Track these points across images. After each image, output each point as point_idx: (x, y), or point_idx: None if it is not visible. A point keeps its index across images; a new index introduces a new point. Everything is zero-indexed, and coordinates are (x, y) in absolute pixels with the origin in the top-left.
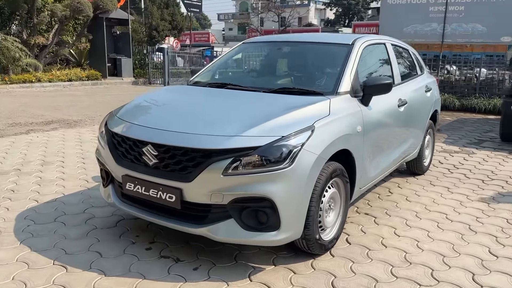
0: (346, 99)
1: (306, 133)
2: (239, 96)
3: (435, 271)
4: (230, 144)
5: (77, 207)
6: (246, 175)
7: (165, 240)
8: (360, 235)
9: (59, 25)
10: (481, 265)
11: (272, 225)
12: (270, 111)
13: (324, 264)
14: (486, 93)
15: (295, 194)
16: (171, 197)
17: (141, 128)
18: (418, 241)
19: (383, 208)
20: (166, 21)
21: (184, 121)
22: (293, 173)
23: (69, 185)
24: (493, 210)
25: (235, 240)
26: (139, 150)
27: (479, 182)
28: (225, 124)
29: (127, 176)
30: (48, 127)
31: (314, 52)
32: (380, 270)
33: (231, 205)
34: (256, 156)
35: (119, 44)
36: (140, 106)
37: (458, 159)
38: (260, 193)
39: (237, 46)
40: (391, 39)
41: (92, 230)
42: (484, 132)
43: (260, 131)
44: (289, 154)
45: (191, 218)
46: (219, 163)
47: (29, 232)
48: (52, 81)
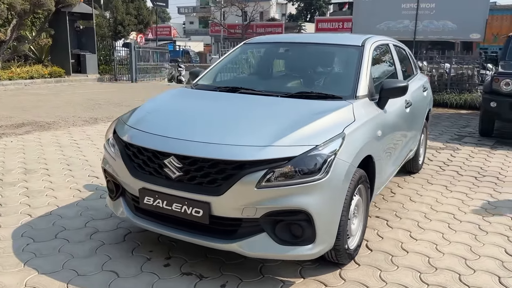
0: (366, 103)
1: (338, 141)
2: (258, 101)
3: (462, 276)
4: (264, 155)
5: (76, 221)
6: (281, 187)
7: (181, 254)
8: (378, 240)
9: (18, 19)
10: (503, 267)
11: (308, 238)
12: (297, 119)
13: (352, 274)
14: (456, 89)
15: (330, 205)
16: (198, 211)
17: (162, 138)
18: (436, 244)
19: (391, 210)
20: (131, 16)
21: (208, 130)
22: (328, 184)
23: (61, 195)
24: (495, 209)
25: (268, 255)
26: (159, 162)
27: (473, 179)
28: (255, 134)
29: (145, 189)
30: (20, 131)
31: (324, 54)
32: (409, 277)
33: (264, 218)
34: (290, 167)
35: (83, 40)
36: (153, 113)
37: (445, 155)
38: (296, 205)
39: (238, 47)
40: (392, 40)
41: (100, 246)
42: (461, 127)
43: (293, 141)
44: (324, 164)
45: (219, 233)
46: (252, 175)
47: (31, 252)
48: (12, 78)
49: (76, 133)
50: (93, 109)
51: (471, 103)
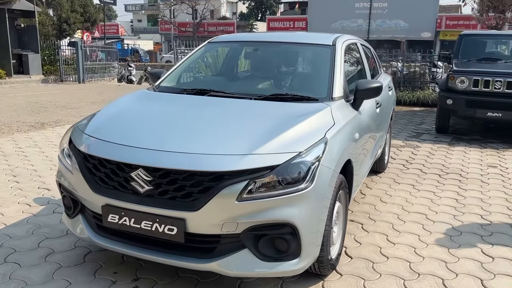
0: (342, 105)
1: (321, 147)
2: (231, 105)
3: (446, 280)
4: (245, 164)
5: (28, 241)
6: (263, 199)
7: (150, 274)
8: (356, 246)
9: None
10: (483, 268)
11: (293, 252)
12: (276, 123)
13: (336, 285)
14: (409, 86)
15: (315, 216)
16: (172, 229)
17: (127, 148)
18: (414, 248)
19: (364, 212)
20: (77, 13)
21: (180, 138)
22: (313, 193)
23: (9, 211)
24: (464, 207)
25: (251, 273)
26: (125, 175)
27: (437, 177)
28: (233, 141)
29: (109, 206)
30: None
31: (294, 53)
32: (393, 285)
33: (246, 233)
34: (273, 177)
35: (25, 39)
36: (115, 119)
37: (407, 153)
38: (280, 218)
39: (202, 46)
40: (359, 39)
41: (58, 269)
42: (417, 124)
43: (274, 148)
44: (308, 172)
45: (195, 252)
46: (233, 187)
47: None
48: None
49: (21, 140)
50: (39, 113)
51: (424, 100)
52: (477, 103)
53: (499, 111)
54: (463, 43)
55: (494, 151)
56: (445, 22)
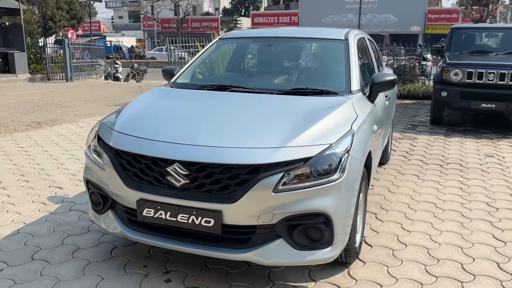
0: (361, 98)
1: (349, 138)
2: (256, 100)
3: (464, 265)
4: (280, 157)
5: (51, 238)
6: (298, 190)
7: (180, 267)
8: (374, 235)
9: None
10: (497, 252)
11: (326, 241)
12: (303, 117)
13: (361, 272)
14: (400, 80)
15: (346, 205)
16: (209, 221)
17: (162, 143)
18: (429, 235)
19: (375, 202)
20: (63, 10)
21: (214, 133)
22: (345, 183)
23: (25, 210)
24: (469, 195)
25: (286, 262)
26: (161, 170)
27: (439, 168)
28: (266, 134)
29: (144, 200)
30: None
31: (309, 48)
32: (416, 271)
33: (281, 224)
34: (306, 168)
35: (10, 37)
36: (142, 116)
37: (406, 145)
38: (315, 208)
39: (213, 43)
40: (365, 33)
41: (87, 265)
42: (411, 117)
43: (307, 140)
44: (340, 163)
45: (231, 243)
46: (269, 179)
47: (9, 278)
48: None
49: (21, 140)
50: (33, 112)
51: (414, 93)
52: (471, 95)
53: (492, 102)
54: (455, 36)
55: (489, 141)
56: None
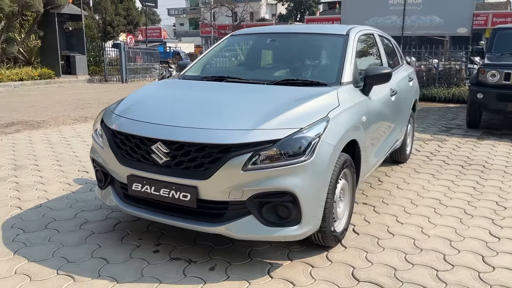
0: (350, 90)
1: (322, 124)
2: (244, 89)
3: (447, 256)
4: (249, 138)
5: (66, 212)
6: (266, 169)
7: (171, 241)
8: (364, 224)
9: (6, 21)
10: (487, 247)
11: (294, 219)
12: (282, 103)
13: (339, 256)
14: (444, 83)
15: (315, 187)
16: (186, 195)
17: (148, 124)
18: (422, 227)
19: (378, 197)
20: (121, 16)
21: (195, 116)
22: (313, 165)
23: (51, 189)
24: (481, 194)
25: (255, 237)
26: (147, 148)
27: (459, 168)
28: (240, 118)
29: (133, 176)
30: (10, 129)
31: (309, 43)
32: (395, 258)
33: (251, 201)
34: (275, 150)
35: (72, 41)
36: (140, 102)
37: (433, 146)
38: (281, 187)
39: (225, 39)
40: (377, 30)
41: (90, 235)
42: (449, 120)
43: (278, 124)
44: (309, 146)
45: (207, 217)
46: (238, 158)
47: (21, 242)
48: (1, 81)
49: (66, 131)
50: (83, 109)
51: (459, 96)
52: (508, 97)
53: None
54: (497, 37)
55: None
56: (491, 19)
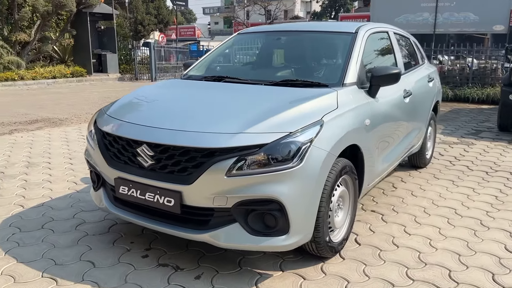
0: (353, 91)
1: (315, 128)
2: (239, 89)
3: (452, 272)
4: (234, 142)
5: (66, 212)
6: (252, 175)
7: (162, 246)
8: (369, 234)
9: (41, 21)
10: (500, 264)
11: (281, 228)
12: (275, 106)
13: (335, 268)
14: (478, 83)
15: (305, 195)
16: (170, 201)
17: (135, 126)
18: (430, 239)
19: (389, 204)
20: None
21: (181, 118)
22: (302, 172)
23: (57, 188)
24: (502, 204)
25: (240, 246)
26: (133, 151)
27: (483, 174)
28: (228, 121)
29: (120, 178)
30: (32, 127)
31: (316, 41)
32: (395, 272)
33: (236, 208)
34: (262, 155)
35: (104, 40)
36: (132, 102)
37: (458, 150)
38: (267, 194)
39: (231, 37)
40: (393, 27)
41: (84, 237)
42: (480, 122)
43: (266, 127)
44: (298, 152)
45: (191, 223)
46: (222, 163)
47: (15, 241)
48: (35, 78)
49: (85, 129)
50: None
51: (494, 97)
52: None
53: None
54: None
55: None
56: None
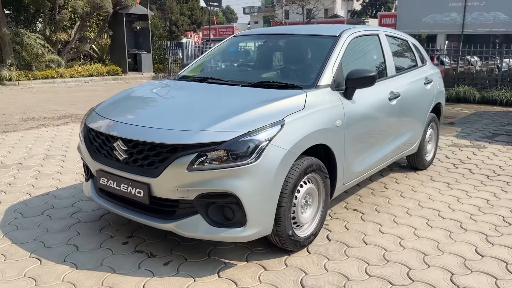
0: (326, 93)
1: (275, 128)
2: (216, 90)
3: (411, 270)
4: (196, 139)
5: (66, 201)
6: (210, 170)
7: (143, 234)
8: (342, 231)
9: (80, 21)
10: (463, 265)
11: (238, 221)
12: (243, 105)
13: (298, 261)
14: (508, 85)
15: (261, 190)
16: (140, 192)
17: (113, 123)
18: (401, 239)
19: (373, 204)
20: (185, 16)
21: (154, 116)
22: (259, 169)
23: (65, 179)
24: (491, 207)
25: (201, 236)
26: (110, 145)
27: (484, 178)
28: (194, 119)
29: (100, 170)
30: (59, 122)
31: (301, 44)
32: (354, 268)
33: (198, 200)
34: (222, 152)
35: (140, 40)
36: (117, 101)
37: (466, 153)
38: (224, 188)
39: (228, 39)
40: (387, 30)
41: (76, 223)
42: (501, 125)
43: (228, 126)
44: (255, 149)
45: (160, 213)
46: (184, 158)
47: (15, 225)
48: (73, 76)
49: None
50: None
51: None
52: None
53: None
54: None
55: None
56: None
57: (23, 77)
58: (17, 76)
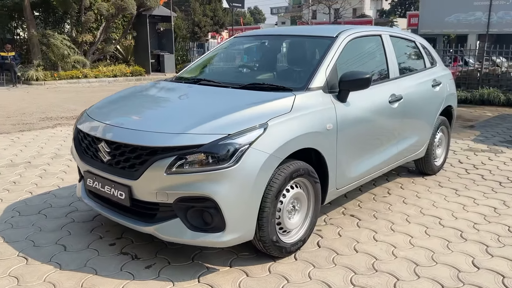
0: (317, 95)
1: (257, 131)
2: (205, 92)
3: (399, 281)
4: (175, 142)
5: (65, 200)
6: (189, 174)
7: (132, 236)
8: (334, 238)
9: (105, 22)
10: (456, 277)
11: (217, 226)
12: (227, 108)
13: (282, 267)
14: None
15: (241, 194)
16: (122, 194)
17: (100, 124)
18: (395, 247)
19: (372, 210)
20: (208, 17)
21: (137, 118)
22: (238, 173)
23: (68, 178)
24: (498, 216)
25: (180, 240)
26: (96, 147)
27: (495, 185)
28: (176, 121)
29: (87, 172)
30: (74, 121)
31: (298, 45)
32: (339, 277)
33: (177, 204)
34: (201, 155)
35: (163, 41)
36: (107, 102)
37: (481, 158)
38: (202, 192)
39: (228, 40)
40: (391, 30)
41: (69, 223)
42: None
43: (208, 129)
44: (235, 153)
45: (142, 216)
46: (163, 161)
47: (10, 223)
48: (98, 76)
49: None
50: None
51: None
52: None
53: None
54: None
55: None
56: None
57: (49, 77)
58: (43, 76)
